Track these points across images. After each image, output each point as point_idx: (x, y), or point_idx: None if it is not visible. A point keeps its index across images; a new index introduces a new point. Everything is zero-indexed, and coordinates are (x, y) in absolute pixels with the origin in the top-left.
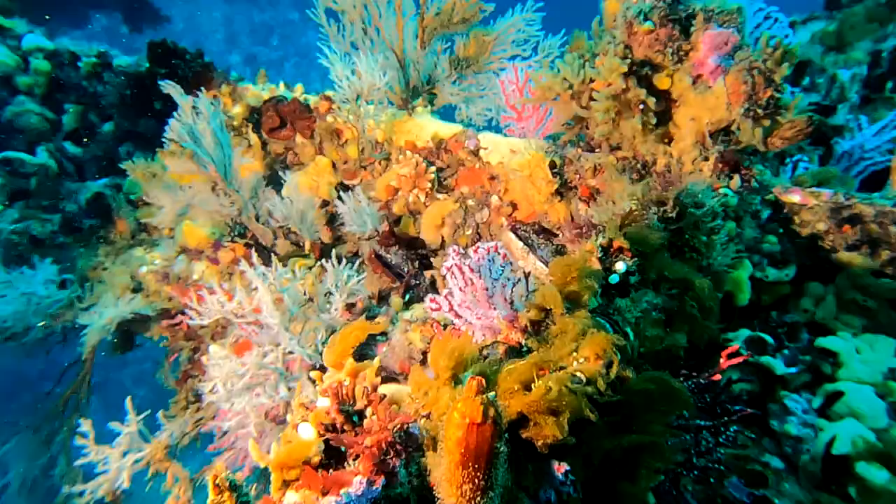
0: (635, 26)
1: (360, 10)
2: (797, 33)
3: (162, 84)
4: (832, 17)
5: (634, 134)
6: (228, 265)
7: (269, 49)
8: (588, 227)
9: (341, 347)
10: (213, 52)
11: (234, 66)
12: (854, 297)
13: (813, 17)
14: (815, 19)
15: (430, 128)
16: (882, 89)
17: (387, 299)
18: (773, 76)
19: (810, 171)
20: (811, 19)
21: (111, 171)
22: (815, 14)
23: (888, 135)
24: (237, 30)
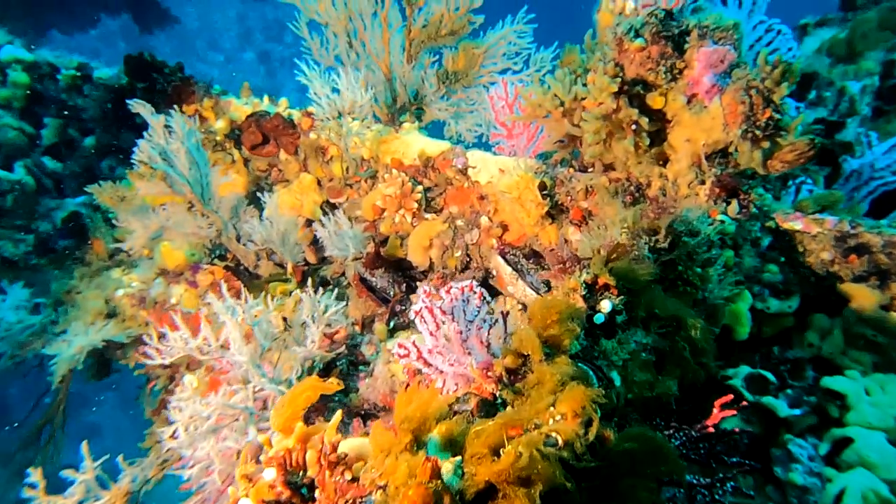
0: (626, 43)
1: (345, 23)
2: (806, 41)
3: (131, 103)
4: (846, 20)
5: (627, 155)
6: (207, 288)
7: (282, 46)
8: (572, 262)
9: (290, 410)
10: (227, 50)
11: (247, 63)
12: (863, 332)
13: (826, 20)
14: (827, 22)
15: (417, 145)
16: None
17: (371, 326)
18: (772, 96)
19: (813, 195)
20: (824, 22)
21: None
22: (828, 16)
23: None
24: (251, 26)
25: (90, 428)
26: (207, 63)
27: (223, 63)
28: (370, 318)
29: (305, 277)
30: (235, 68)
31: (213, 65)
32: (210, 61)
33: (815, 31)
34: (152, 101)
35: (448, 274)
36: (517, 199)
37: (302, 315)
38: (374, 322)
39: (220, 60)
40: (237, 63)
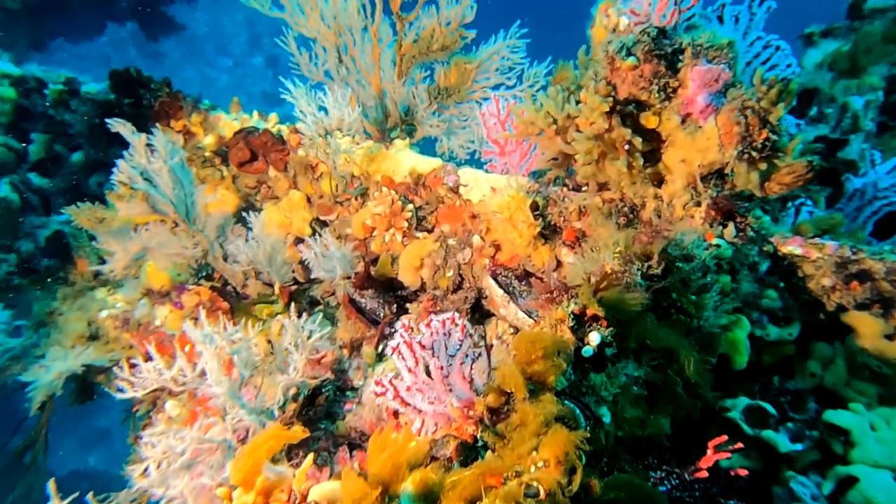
0: (617, 62)
1: (335, 37)
2: (808, 53)
3: (110, 122)
4: (852, 28)
5: (621, 176)
6: (193, 310)
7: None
8: (560, 291)
9: (251, 462)
10: (235, 55)
11: (256, 68)
12: (867, 362)
13: (831, 29)
14: (833, 32)
15: (408, 162)
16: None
17: (360, 349)
18: (768, 116)
19: (813, 217)
20: (829, 31)
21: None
22: (834, 25)
23: None
24: (260, 32)
25: (99, 433)
26: (216, 68)
27: (232, 68)
28: (359, 341)
29: (293, 298)
30: (244, 73)
31: (222, 69)
32: (219, 66)
33: (819, 42)
34: (139, 116)
35: (439, 296)
36: (509, 220)
37: (285, 342)
38: (363, 345)
39: (229, 65)
40: (246, 68)
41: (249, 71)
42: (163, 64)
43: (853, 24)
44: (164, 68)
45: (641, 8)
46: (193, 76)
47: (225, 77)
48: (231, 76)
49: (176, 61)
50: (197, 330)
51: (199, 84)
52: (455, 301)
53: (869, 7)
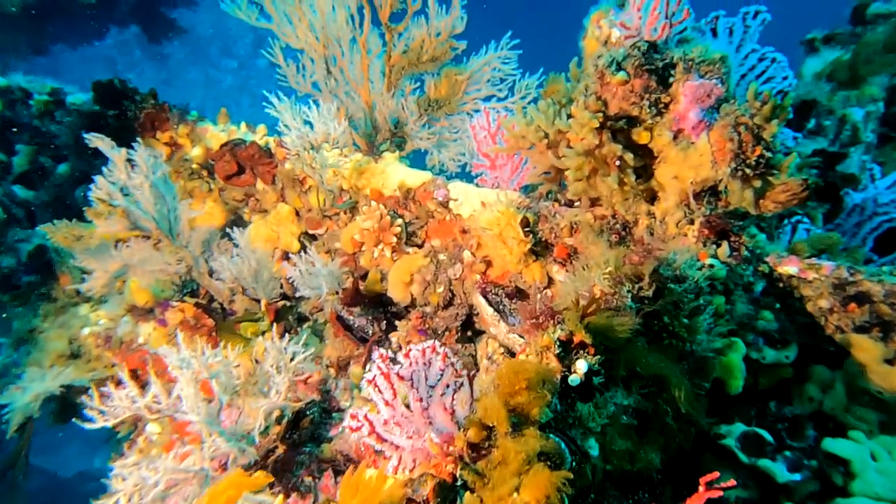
0: (607, 77)
1: (323, 48)
2: (807, 62)
3: (87, 137)
4: (854, 34)
5: (612, 193)
6: (177, 327)
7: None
8: (546, 316)
9: None
10: (240, 56)
11: (261, 69)
12: (867, 388)
13: (833, 35)
14: (835, 38)
15: (397, 176)
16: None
17: (347, 368)
18: (761, 133)
19: (809, 237)
20: (832, 37)
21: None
22: (836, 31)
23: None
24: (265, 33)
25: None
26: (221, 70)
27: (237, 69)
28: (347, 360)
29: (280, 315)
30: (248, 74)
31: (227, 71)
32: (223, 68)
33: (821, 48)
34: (124, 128)
35: (429, 312)
36: (498, 236)
37: (266, 365)
38: (351, 365)
39: (234, 67)
40: (250, 69)
41: (254, 73)
42: (167, 66)
43: (856, 30)
44: (168, 70)
45: (632, 21)
46: (198, 77)
47: (230, 78)
48: (236, 78)
49: (180, 63)
50: (173, 354)
51: (204, 85)
52: (446, 318)
53: (872, 12)
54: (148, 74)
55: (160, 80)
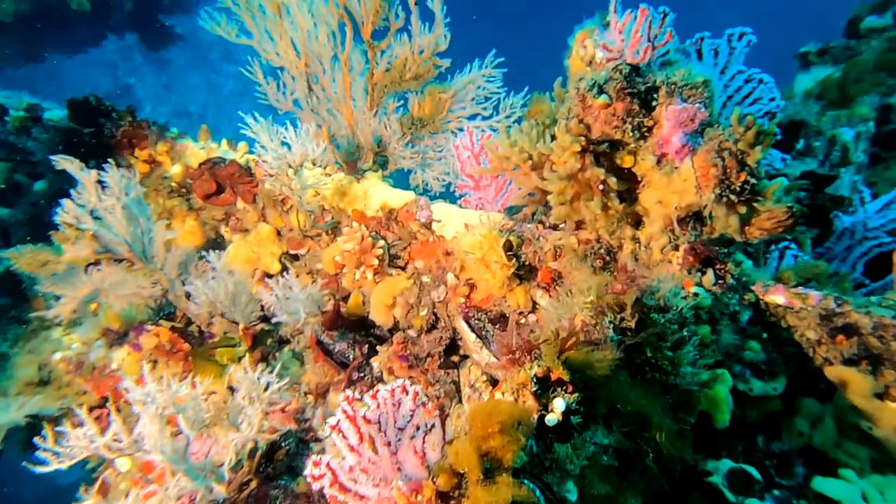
0: (589, 100)
1: (304, 67)
2: (798, 79)
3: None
4: (848, 48)
5: (596, 217)
6: (152, 352)
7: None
8: (522, 351)
9: None
10: (241, 61)
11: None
12: (857, 422)
13: (827, 49)
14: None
15: (380, 196)
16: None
17: (327, 395)
18: (745, 159)
19: (795, 265)
20: (825, 51)
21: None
22: (830, 44)
23: (894, 212)
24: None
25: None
26: (222, 74)
27: (238, 75)
28: (326, 387)
29: (259, 339)
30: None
31: (228, 76)
32: (224, 73)
33: (815, 61)
34: (101, 146)
35: (412, 336)
36: (481, 260)
37: (238, 397)
38: (330, 392)
39: (235, 72)
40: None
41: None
42: (168, 71)
43: (850, 43)
44: (169, 75)
45: (614, 44)
46: (199, 83)
47: (231, 83)
48: (237, 83)
49: (181, 68)
50: (137, 388)
51: (205, 90)
52: (430, 342)
53: (865, 26)
54: (149, 80)
55: (161, 86)
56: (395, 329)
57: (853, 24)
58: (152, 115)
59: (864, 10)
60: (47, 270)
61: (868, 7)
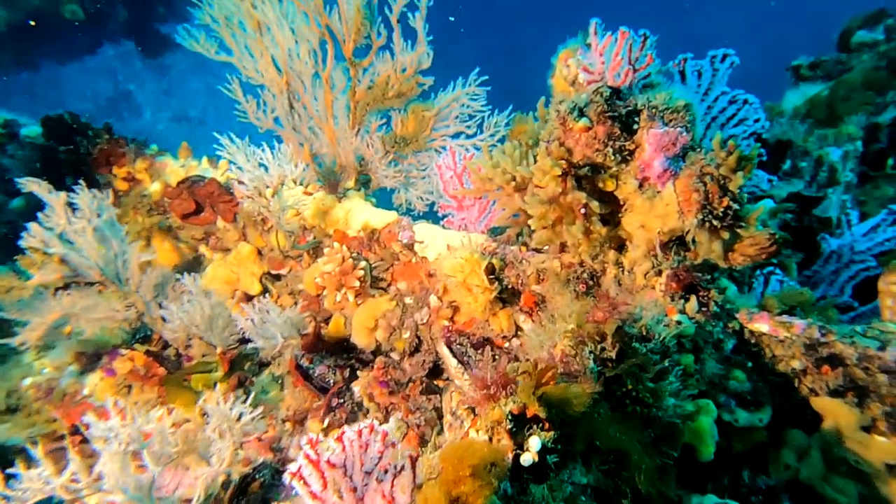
0: (570, 123)
1: (284, 84)
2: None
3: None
4: (840, 62)
5: (579, 241)
6: (126, 377)
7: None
8: (498, 386)
9: None
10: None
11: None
12: (844, 456)
13: (819, 62)
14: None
15: (362, 216)
16: (882, 166)
17: (305, 422)
18: (727, 184)
19: (779, 292)
20: (817, 64)
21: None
22: (822, 58)
23: (881, 235)
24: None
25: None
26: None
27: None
28: (304, 413)
29: (237, 363)
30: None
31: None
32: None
33: (806, 75)
34: (78, 163)
35: (394, 360)
36: (463, 284)
37: (208, 430)
38: (308, 419)
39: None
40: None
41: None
42: (169, 76)
43: (841, 57)
44: (170, 80)
45: (595, 66)
46: (199, 87)
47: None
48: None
49: (182, 73)
50: (99, 424)
51: (206, 95)
52: (412, 366)
53: (856, 41)
54: (149, 85)
55: (161, 91)
56: (378, 352)
57: (845, 37)
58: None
59: (857, 21)
60: (12, 297)
61: (860, 19)
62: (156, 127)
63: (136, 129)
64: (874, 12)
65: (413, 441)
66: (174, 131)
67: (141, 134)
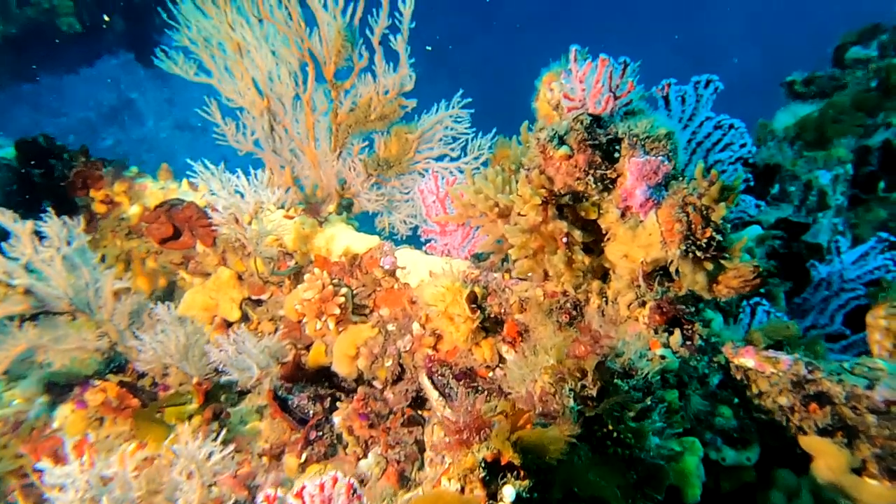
0: (550, 151)
1: (264, 106)
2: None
3: None
4: (834, 78)
5: (561, 272)
6: (98, 409)
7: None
8: (471, 431)
9: None
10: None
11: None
12: (835, 499)
13: (814, 78)
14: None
15: (343, 241)
16: (874, 188)
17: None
18: (710, 215)
19: (766, 325)
20: (812, 80)
21: None
22: (816, 73)
23: (872, 263)
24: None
25: None
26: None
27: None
28: (282, 447)
29: (212, 395)
30: None
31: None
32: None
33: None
34: (54, 186)
35: (371, 394)
36: (444, 313)
37: (174, 472)
38: (286, 453)
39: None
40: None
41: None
42: (170, 84)
43: (835, 73)
44: (171, 88)
45: (576, 93)
46: (200, 96)
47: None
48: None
49: (184, 82)
50: (55, 470)
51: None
52: (395, 395)
53: (850, 57)
54: (151, 94)
55: (163, 99)
56: (361, 380)
57: (839, 52)
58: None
59: (851, 36)
60: None
61: (855, 34)
62: (158, 135)
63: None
64: (869, 27)
65: (392, 478)
66: (177, 139)
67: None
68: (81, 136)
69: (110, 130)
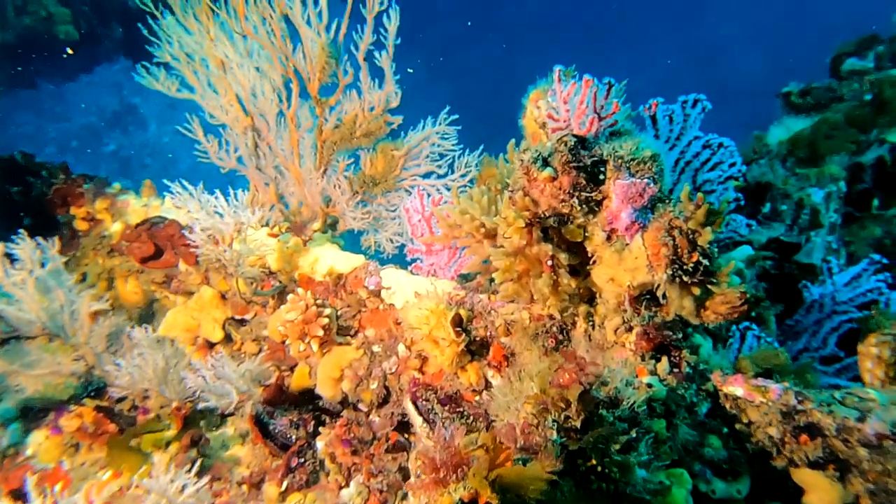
0: (533, 172)
1: (248, 123)
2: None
3: None
4: (830, 89)
5: (546, 295)
6: (74, 435)
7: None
8: (448, 469)
9: None
10: None
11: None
12: None
13: (810, 90)
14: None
15: (327, 260)
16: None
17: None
18: (696, 239)
19: (754, 352)
20: (808, 91)
21: None
22: (812, 84)
23: (864, 285)
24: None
25: None
26: None
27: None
28: (262, 475)
29: (192, 419)
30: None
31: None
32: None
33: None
34: (32, 204)
35: (353, 419)
36: (428, 336)
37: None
38: (266, 481)
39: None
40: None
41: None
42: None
43: (831, 84)
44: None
45: (560, 113)
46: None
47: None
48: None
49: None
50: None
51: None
52: (380, 419)
53: (846, 68)
54: (154, 99)
55: (166, 104)
56: (346, 402)
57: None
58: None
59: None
60: None
61: (852, 44)
62: (161, 139)
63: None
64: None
65: None
66: (179, 143)
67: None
68: (84, 142)
69: (113, 135)
